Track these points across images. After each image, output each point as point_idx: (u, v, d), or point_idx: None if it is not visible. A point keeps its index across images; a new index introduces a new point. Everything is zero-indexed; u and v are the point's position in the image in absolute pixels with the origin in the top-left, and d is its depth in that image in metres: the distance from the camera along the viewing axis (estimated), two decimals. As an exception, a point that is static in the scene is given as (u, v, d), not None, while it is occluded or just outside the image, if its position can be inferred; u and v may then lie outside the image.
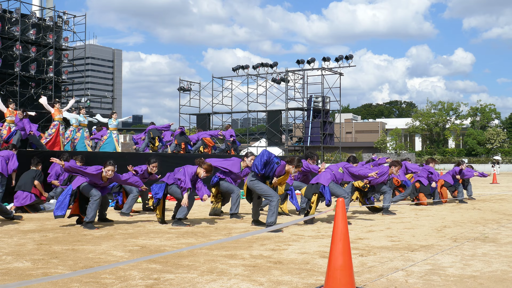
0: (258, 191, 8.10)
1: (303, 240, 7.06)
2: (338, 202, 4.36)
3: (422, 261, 5.68)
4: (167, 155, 15.46)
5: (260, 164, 7.96)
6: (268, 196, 8.02)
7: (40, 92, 24.67)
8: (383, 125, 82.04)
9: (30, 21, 24.96)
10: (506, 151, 64.09)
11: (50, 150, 13.11)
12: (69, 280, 4.71)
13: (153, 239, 7.16)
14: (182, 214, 8.51)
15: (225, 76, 35.20)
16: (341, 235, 4.23)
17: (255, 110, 34.97)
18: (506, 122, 73.31)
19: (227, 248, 6.36)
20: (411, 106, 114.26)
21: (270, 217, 7.95)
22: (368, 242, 6.95)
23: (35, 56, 24.84)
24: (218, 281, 4.73)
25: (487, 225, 8.82)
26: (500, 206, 12.38)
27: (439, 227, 8.54)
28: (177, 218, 8.54)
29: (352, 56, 31.20)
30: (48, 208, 10.87)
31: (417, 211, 11.03)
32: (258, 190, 8.08)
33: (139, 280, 4.74)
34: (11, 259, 5.67)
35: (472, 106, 71.88)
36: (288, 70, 32.41)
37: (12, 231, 7.74)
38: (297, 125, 35.01)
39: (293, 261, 5.62)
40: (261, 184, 8.06)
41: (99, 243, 6.78)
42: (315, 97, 31.62)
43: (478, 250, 6.37)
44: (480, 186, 21.88)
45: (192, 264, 5.46)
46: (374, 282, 4.72)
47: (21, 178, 10.33)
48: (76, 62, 29.67)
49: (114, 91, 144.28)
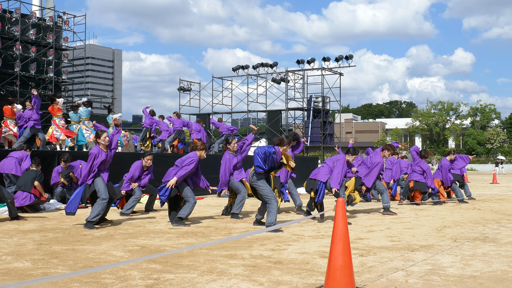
0: (260, 191, 8.07)
1: (303, 240, 7.06)
2: (338, 202, 4.37)
3: (422, 261, 5.68)
4: (167, 155, 15.46)
5: (262, 163, 7.91)
6: (268, 198, 8.00)
7: (40, 92, 24.66)
8: (383, 125, 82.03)
9: (30, 21, 24.95)
10: (506, 151, 64.06)
11: (50, 150, 13.10)
12: (69, 280, 4.71)
13: (153, 239, 7.16)
14: (185, 214, 8.49)
15: (225, 76, 35.20)
16: (341, 235, 4.23)
17: (255, 110, 34.95)
18: (506, 122, 73.31)
19: (227, 248, 6.36)
20: (411, 106, 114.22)
21: (270, 217, 7.94)
22: (368, 242, 6.95)
23: (35, 56, 24.83)
24: (218, 281, 4.73)
25: (487, 225, 8.82)
26: (500, 206, 12.38)
27: (439, 227, 8.54)
28: (178, 217, 8.52)
29: (352, 56, 31.19)
30: (48, 208, 10.87)
31: (417, 211, 11.03)
32: (261, 190, 8.05)
33: (139, 280, 4.74)
34: (11, 259, 5.67)
35: (472, 106, 71.91)
36: (288, 70, 32.41)
37: (12, 231, 7.74)
38: (297, 125, 35.00)
39: (293, 261, 5.62)
40: (263, 184, 8.03)
41: (99, 243, 6.78)
42: (315, 97, 31.61)
43: (478, 250, 6.37)
44: (480, 186, 21.88)
45: (192, 264, 5.46)
46: (374, 282, 4.72)
47: (21, 178, 10.32)
48: (76, 62, 29.65)
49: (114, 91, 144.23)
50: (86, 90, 31.15)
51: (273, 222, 7.90)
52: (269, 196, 8.01)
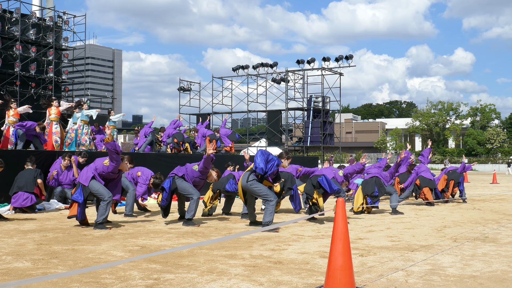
0: (256, 192, 7.98)
1: (303, 240, 7.06)
2: (338, 202, 4.36)
3: (422, 261, 5.68)
4: (166, 155, 15.45)
5: (263, 162, 7.83)
6: (267, 197, 7.94)
7: (40, 92, 24.67)
8: (383, 125, 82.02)
9: (30, 21, 24.95)
10: (506, 151, 64.09)
11: (51, 150, 13.09)
12: (69, 280, 4.71)
13: (153, 239, 7.16)
14: (191, 214, 8.47)
15: (225, 76, 35.22)
16: (341, 235, 4.23)
17: (255, 110, 34.96)
18: (506, 122, 73.30)
19: (227, 248, 6.36)
20: (411, 106, 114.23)
21: (267, 217, 7.89)
22: (368, 242, 6.95)
23: (35, 56, 24.84)
24: (218, 281, 4.73)
25: (487, 225, 8.82)
26: (500, 206, 12.38)
27: (439, 227, 8.53)
28: (186, 219, 8.50)
29: (352, 56, 31.21)
30: (48, 208, 10.85)
31: (417, 211, 11.03)
32: (257, 191, 7.96)
33: (139, 280, 4.74)
34: (11, 259, 5.67)
35: (472, 106, 71.91)
36: (288, 70, 32.41)
37: (12, 231, 7.74)
38: (297, 125, 35.02)
39: (293, 261, 5.62)
40: (259, 185, 7.98)
41: (99, 243, 6.78)
42: (315, 97, 31.62)
43: (478, 250, 6.37)
44: (480, 186, 21.88)
45: (192, 264, 5.46)
46: (374, 282, 4.72)
47: (21, 178, 10.25)
48: (76, 62, 29.66)
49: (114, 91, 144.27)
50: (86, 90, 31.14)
51: (270, 221, 7.87)
52: (268, 194, 7.94)
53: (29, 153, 11.58)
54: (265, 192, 7.95)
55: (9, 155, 11.33)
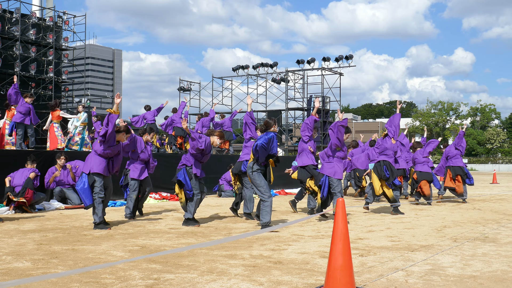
0: (256, 184, 7.91)
1: (303, 240, 7.06)
2: (338, 202, 4.36)
3: (422, 261, 5.68)
4: (166, 155, 15.44)
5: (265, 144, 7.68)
6: (263, 195, 7.88)
7: (40, 92, 24.67)
8: (383, 125, 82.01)
9: (30, 21, 24.95)
10: (506, 151, 64.11)
11: (50, 150, 13.10)
12: (69, 280, 4.71)
13: (153, 239, 7.16)
14: (190, 214, 8.46)
15: (225, 76, 35.22)
16: (341, 235, 4.23)
17: (255, 110, 34.95)
18: (506, 122, 73.35)
19: (227, 248, 6.36)
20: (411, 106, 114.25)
21: (265, 217, 7.87)
22: (368, 242, 6.95)
23: (35, 56, 24.83)
24: (218, 281, 4.73)
25: (487, 225, 8.82)
26: (500, 206, 12.38)
27: (439, 227, 8.54)
28: (186, 219, 8.49)
29: (352, 56, 31.21)
30: (48, 208, 10.85)
31: (417, 211, 11.03)
32: (257, 183, 7.90)
33: (139, 280, 4.74)
34: (11, 259, 5.67)
35: (472, 106, 71.98)
36: (288, 70, 32.42)
37: (12, 231, 7.74)
38: (297, 125, 35.01)
39: (293, 261, 5.62)
40: (261, 178, 7.90)
41: (99, 243, 6.78)
42: (315, 97, 31.62)
43: (478, 250, 6.38)
44: (480, 186, 21.88)
45: (192, 264, 5.46)
46: (374, 282, 4.72)
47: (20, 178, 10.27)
48: (76, 62, 29.64)
49: (114, 91, 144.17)
50: (86, 90, 31.13)
51: (268, 222, 7.85)
52: (265, 192, 7.87)
53: (29, 152, 11.59)
54: (263, 188, 7.90)
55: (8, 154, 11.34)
